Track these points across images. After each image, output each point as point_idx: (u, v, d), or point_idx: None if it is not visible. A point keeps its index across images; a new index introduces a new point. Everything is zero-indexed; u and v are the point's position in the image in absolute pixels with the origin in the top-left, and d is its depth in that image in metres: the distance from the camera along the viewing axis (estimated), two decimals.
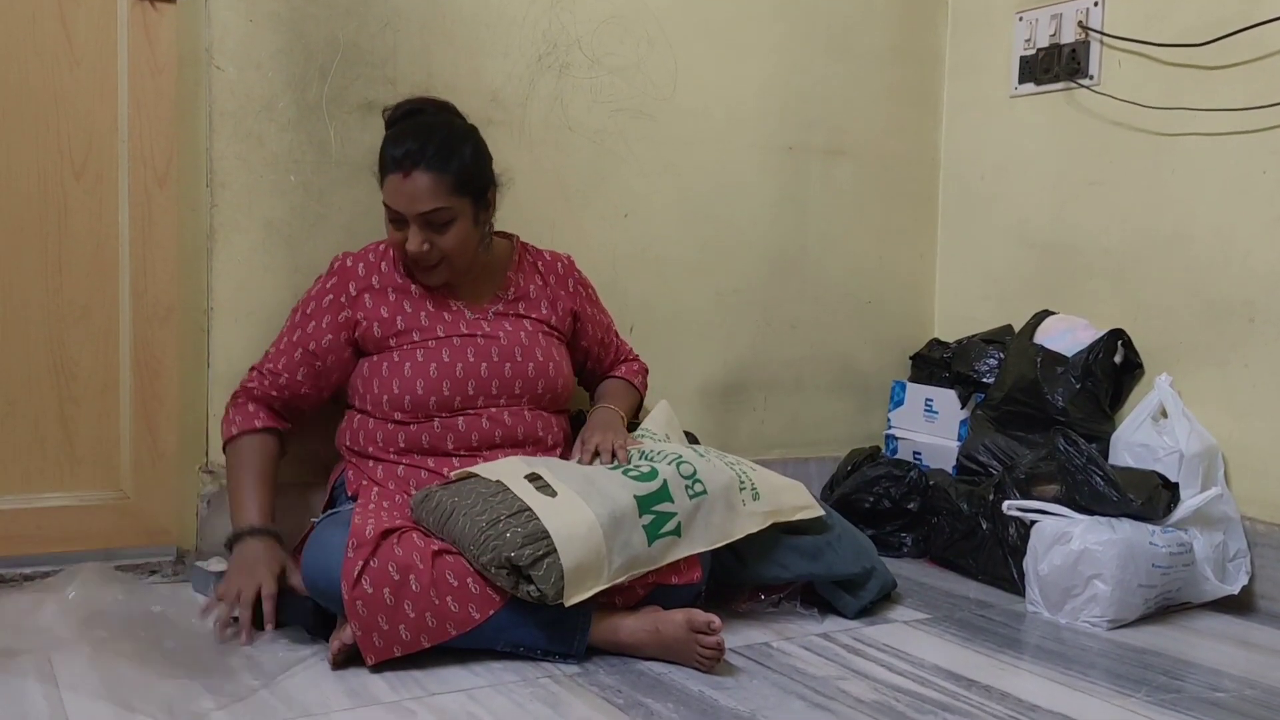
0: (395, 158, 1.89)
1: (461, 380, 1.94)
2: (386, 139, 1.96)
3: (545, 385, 2.01)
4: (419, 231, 1.90)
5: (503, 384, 1.97)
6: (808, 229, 2.77)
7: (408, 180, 1.88)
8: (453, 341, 1.97)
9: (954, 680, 1.73)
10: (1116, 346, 2.41)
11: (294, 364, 1.98)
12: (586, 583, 1.67)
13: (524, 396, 1.99)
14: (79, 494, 2.10)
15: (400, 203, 1.89)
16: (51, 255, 2.05)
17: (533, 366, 2.00)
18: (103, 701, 1.52)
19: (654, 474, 1.80)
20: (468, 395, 1.94)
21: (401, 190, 1.89)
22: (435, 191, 1.89)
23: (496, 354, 1.98)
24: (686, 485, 1.81)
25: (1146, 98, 2.42)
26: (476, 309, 2.02)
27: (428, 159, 1.89)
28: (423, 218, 1.90)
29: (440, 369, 1.93)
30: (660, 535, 1.75)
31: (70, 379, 2.07)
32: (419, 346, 1.95)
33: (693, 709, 1.57)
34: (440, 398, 1.93)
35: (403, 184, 1.88)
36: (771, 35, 2.68)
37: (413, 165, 1.88)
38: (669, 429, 2.12)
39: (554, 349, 2.06)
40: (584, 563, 1.66)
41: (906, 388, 2.83)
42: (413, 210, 1.89)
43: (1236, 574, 2.18)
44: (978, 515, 2.30)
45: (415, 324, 1.98)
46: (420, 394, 1.92)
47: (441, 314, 1.99)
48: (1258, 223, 2.24)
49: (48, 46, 2.02)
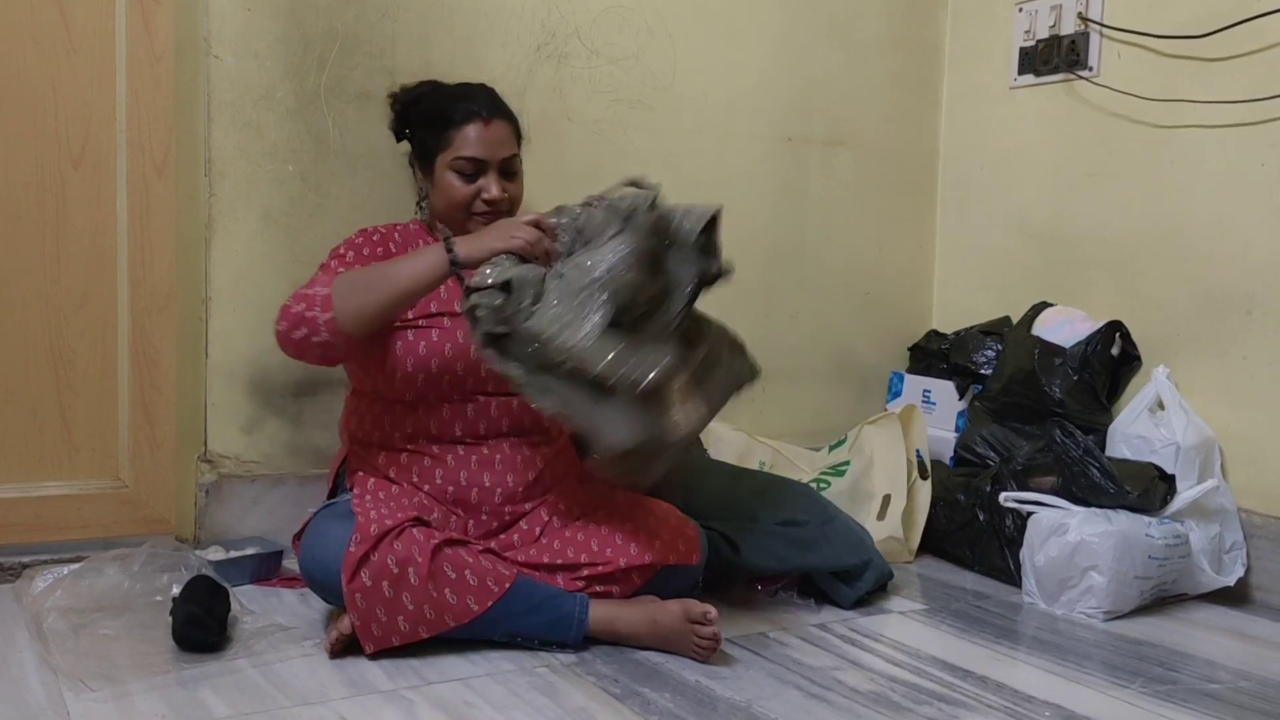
0: (470, 109, 1.90)
1: (476, 361, 1.83)
2: (439, 99, 1.95)
3: None
4: (498, 179, 1.91)
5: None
6: (807, 219, 2.77)
7: (490, 127, 1.90)
8: (443, 320, 1.88)
9: (950, 671, 1.73)
10: (1114, 338, 2.41)
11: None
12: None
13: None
14: (77, 483, 2.10)
15: (484, 150, 1.89)
16: (49, 244, 2.05)
17: None
18: (100, 690, 1.52)
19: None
20: (480, 378, 1.86)
21: (485, 138, 1.89)
22: (512, 138, 1.94)
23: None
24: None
25: (1146, 89, 2.42)
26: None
27: (500, 108, 1.93)
28: (504, 164, 1.91)
29: (455, 348, 1.85)
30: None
31: (68, 368, 2.07)
32: (434, 325, 1.87)
33: (689, 698, 1.58)
34: (454, 376, 1.85)
35: (485, 131, 1.89)
36: (771, 25, 2.67)
37: (490, 114, 1.91)
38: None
39: None
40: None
41: (904, 378, 2.83)
42: (497, 156, 1.90)
43: (1233, 566, 2.19)
44: (975, 506, 2.31)
45: (434, 298, 1.89)
46: (434, 371, 1.84)
47: (458, 293, 1.89)
48: (1256, 215, 2.24)
49: (45, 34, 2.01)
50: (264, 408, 2.19)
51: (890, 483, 2.34)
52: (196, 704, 1.49)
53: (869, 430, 2.44)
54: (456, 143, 1.90)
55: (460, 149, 1.89)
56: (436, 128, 1.92)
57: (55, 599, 1.76)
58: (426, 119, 1.95)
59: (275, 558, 2.08)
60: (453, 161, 1.90)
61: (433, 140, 1.92)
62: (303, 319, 1.71)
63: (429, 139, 1.93)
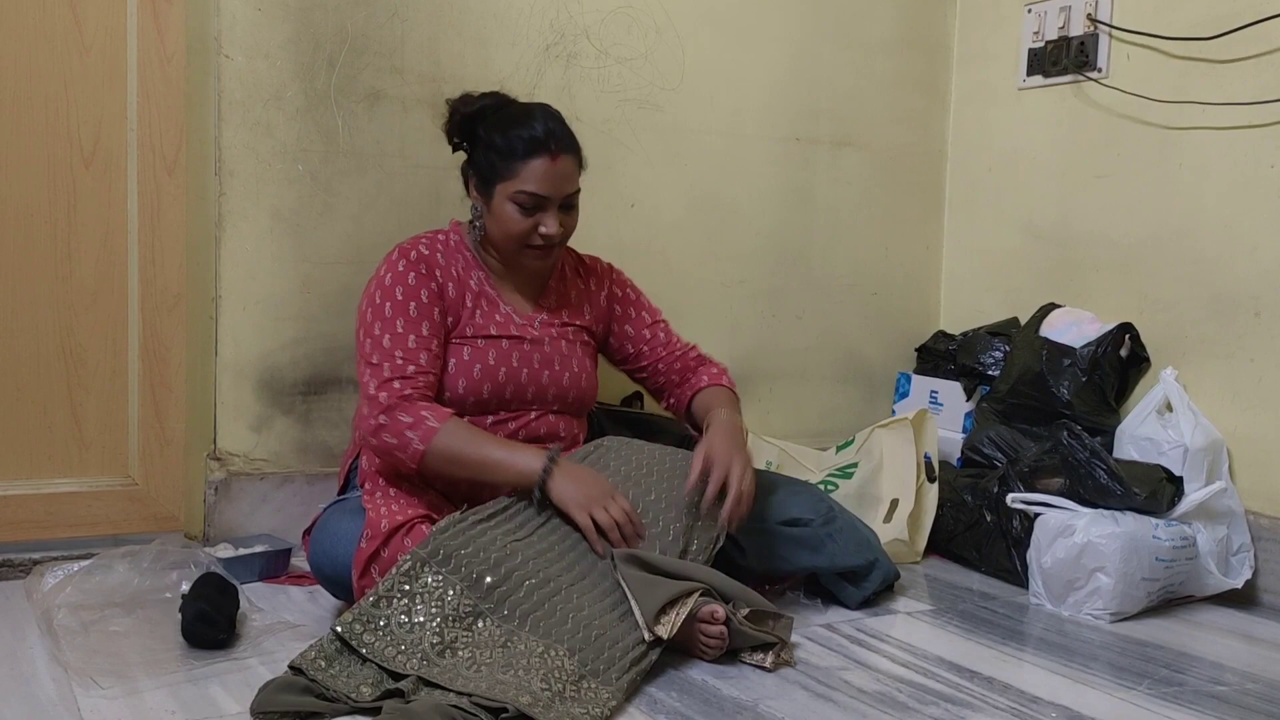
0: (539, 140, 1.84)
1: (502, 384, 1.90)
2: (505, 123, 1.87)
3: (576, 395, 1.98)
4: (557, 214, 1.87)
5: (538, 390, 1.93)
6: (814, 220, 2.77)
7: (557, 163, 1.85)
8: (501, 344, 1.91)
9: (956, 671, 1.74)
10: (1123, 340, 2.40)
11: (434, 357, 1.84)
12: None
13: (555, 404, 1.96)
14: (87, 480, 2.11)
15: (549, 187, 1.85)
16: (61, 242, 2.06)
17: (568, 376, 1.96)
18: (110, 687, 1.53)
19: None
20: (504, 399, 1.91)
21: (552, 174, 1.85)
22: (576, 172, 1.90)
23: (538, 361, 1.93)
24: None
25: (1155, 91, 2.42)
26: (524, 314, 1.97)
27: (568, 140, 1.88)
28: (566, 199, 1.88)
29: (485, 370, 1.89)
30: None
31: (79, 365, 2.08)
32: (468, 344, 1.90)
33: (695, 697, 1.58)
34: (479, 399, 1.89)
35: (553, 167, 1.84)
36: (779, 26, 2.68)
37: (559, 148, 1.85)
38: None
39: (586, 358, 2.02)
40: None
41: (912, 379, 2.83)
42: (562, 192, 1.87)
43: (1240, 568, 2.18)
44: (982, 507, 2.31)
45: (470, 320, 1.92)
46: (460, 392, 1.87)
47: (494, 314, 1.93)
48: (1265, 217, 2.23)
49: (58, 34, 2.02)
50: (273, 406, 2.20)
51: (898, 487, 2.34)
52: (206, 700, 1.50)
53: (880, 433, 2.44)
54: (522, 176, 1.84)
55: (525, 183, 1.84)
56: (501, 155, 1.86)
57: (65, 595, 1.77)
58: (489, 142, 1.88)
59: (284, 555, 2.08)
60: (515, 195, 1.85)
61: (494, 166, 1.87)
62: (402, 438, 1.75)
63: (492, 164, 1.87)
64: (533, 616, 1.59)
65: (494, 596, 1.60)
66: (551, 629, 1.58)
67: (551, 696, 1.46)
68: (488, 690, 1.44)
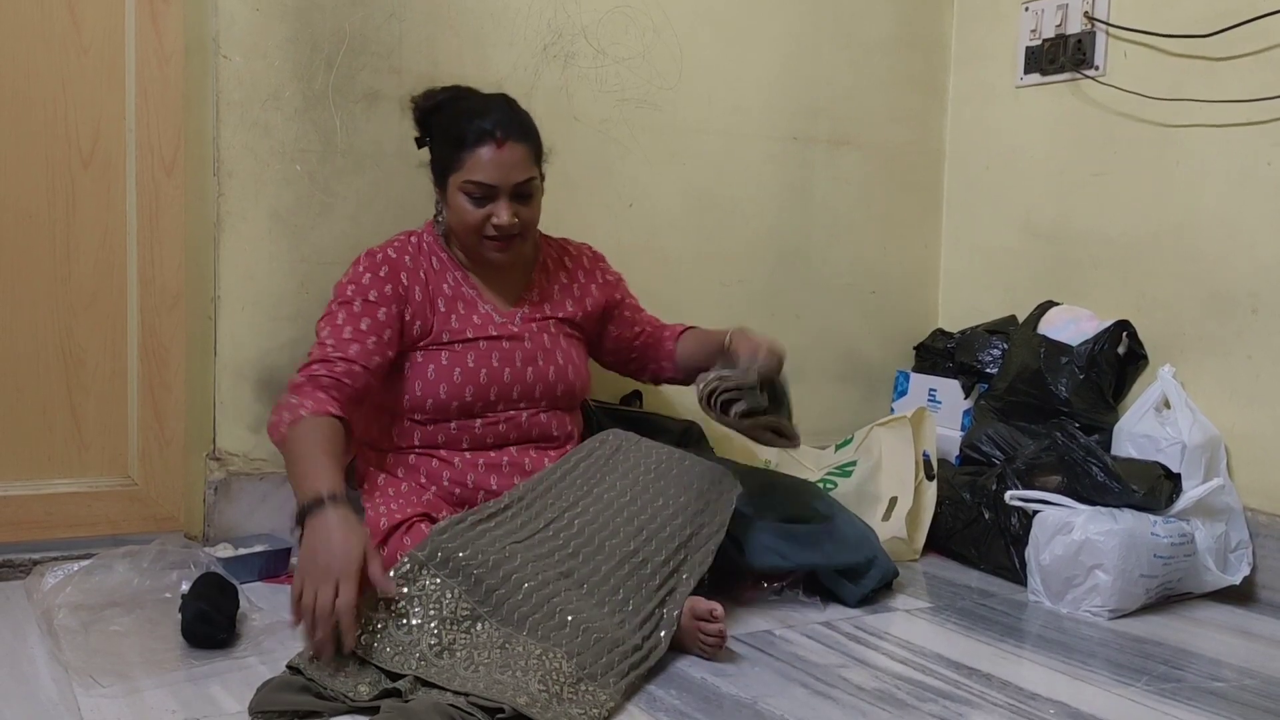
0: (484, 129, 1.84)
1: (485, 386, 1.90)
2: (455, 116, 1.89)
3: (564, 388, 1.98)
4: (509, 204, 1.86)
5: (524, 389, 1.94)
6: (812, 219, 2.78)
7: (503, 150, 1.84)
8: (479, 345, 1.92)
9: (955, 669, 1.74)
10: (1121, 337, 2.41)
11: (368, 353, 1.83)
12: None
13: (543, 400, 1.96)
14: (87, 480, 2.11)
15: (495, 174, 1.84)
16: (59, 243, 2.06)
17: (554, 370, 1.97)
18: (111, 686, 1.53)
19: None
20: (489, 401, 1.91)
21: (498, 162, 1.84)
22: (527, 161, 1.87)
23: (520, 359, 1.94)
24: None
25: (1152, 89, 2.42)
26: (504, 311, 1.97)
27: (516, 129, 1.86)
28: (516, 188, 1.86)
29: (464, 374, 1.89)
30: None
31: (78, 366, 2.09)
32: (445, 349, 1.90)
33: (695, 695, 1.59)
34: (462, 403, 1.89)
35: (499, 155, 1.84)
36: (777, 24, 2.68)
37: (505, 135, 1.84)
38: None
39: (574, 351, 2.02)
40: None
41: (910, 377, 2.83)
42: (509, 181, 1.85)
43: (1238, 565, 2.19)
44: (980, 505, 2.31)
45: (445, 325, 1.92)
46: (443, 398, 1.88)
47: (471, 316, 1.94)
48: (1262, 214, 2.24)
49: (55, 34, 2.02)
50: (272, 406, 2.19)
51: (897, 485, 2.35)
52: (206, 700, 1.50)
53: (879, 432, 2.44)
54: (468, 165, 1.85)
55: (471, 173, 1.85)
56: (450, 145, 1.88)
57: (65, 595, 1.77)
58: (442, 134, 1.90)
59: (283, 555, 2.09)
60: (463, 185, 1.86)
61: (446, 158, 1.88)
62: (278, 416, 1.76)
63: (443, 156, 1.90)
64: (531, 619, 1.59)
65: (492, 599, 1.60)
66: (550, 632, 1.58)
67: (549, 698, 1.46)
68: (485, 690, 1.45)
